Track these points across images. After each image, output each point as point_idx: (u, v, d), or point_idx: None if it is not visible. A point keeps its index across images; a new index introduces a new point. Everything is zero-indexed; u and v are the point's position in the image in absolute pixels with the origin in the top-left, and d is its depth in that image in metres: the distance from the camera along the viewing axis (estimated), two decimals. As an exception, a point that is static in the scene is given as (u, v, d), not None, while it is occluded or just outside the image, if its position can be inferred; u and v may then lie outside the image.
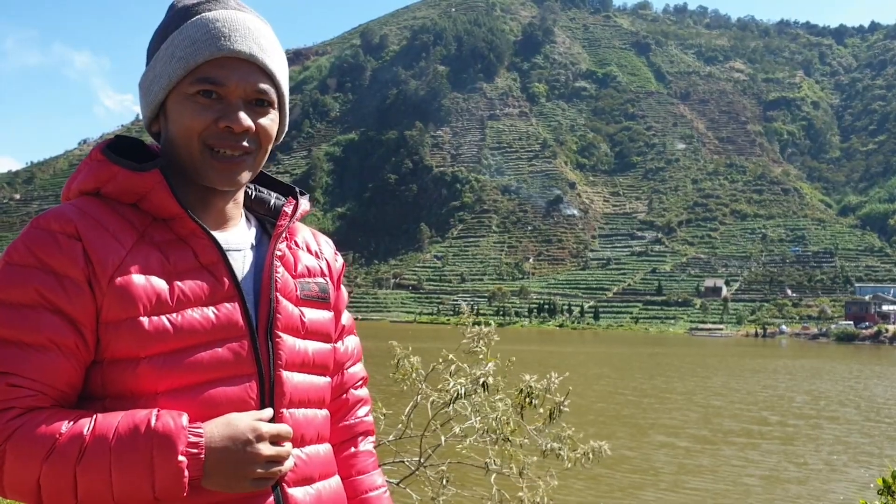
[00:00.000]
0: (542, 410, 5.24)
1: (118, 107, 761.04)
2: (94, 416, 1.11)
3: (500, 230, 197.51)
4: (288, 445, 1.21)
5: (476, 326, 5.17)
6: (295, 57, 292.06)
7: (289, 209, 1.38)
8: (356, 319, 1.43)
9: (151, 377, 1.16)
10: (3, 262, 1.16)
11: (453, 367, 4.98)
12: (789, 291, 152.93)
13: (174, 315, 1.19)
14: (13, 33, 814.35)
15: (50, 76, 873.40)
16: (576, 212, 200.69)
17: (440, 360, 5.03)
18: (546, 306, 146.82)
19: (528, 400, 5.11)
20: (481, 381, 4.93)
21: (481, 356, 5.02)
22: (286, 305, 1.31)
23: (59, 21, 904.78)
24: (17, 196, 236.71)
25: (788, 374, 45.37)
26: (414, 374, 5.08)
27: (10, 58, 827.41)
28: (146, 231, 1.23)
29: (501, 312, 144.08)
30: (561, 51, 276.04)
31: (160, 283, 1.20)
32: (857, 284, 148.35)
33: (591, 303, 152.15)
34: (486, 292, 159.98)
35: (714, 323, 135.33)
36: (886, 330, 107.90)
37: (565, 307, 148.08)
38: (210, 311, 1.22)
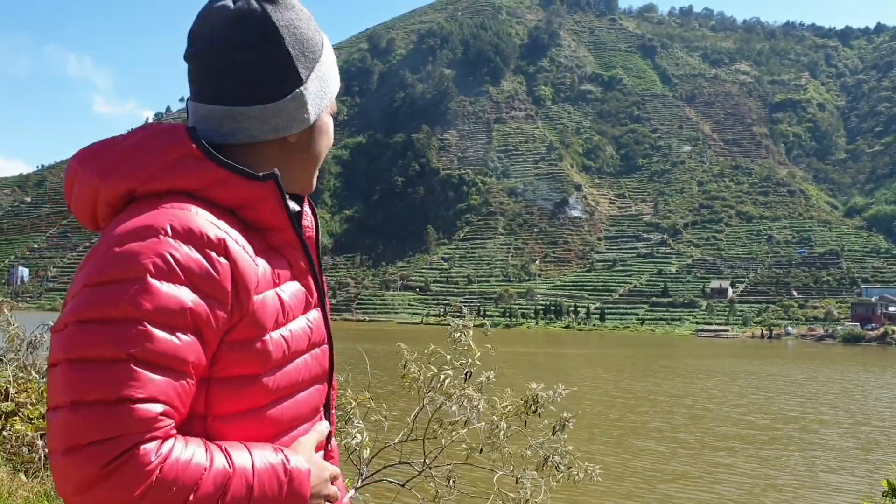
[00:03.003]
0: (546, 422, 5.29)
1: (122, 111, 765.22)
2: (228, 451, 1.07)
3: (507, 232, 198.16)
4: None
5: (457, 320, 5.14)
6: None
7: (308, 210, 1.34)
8: (364, 321, 1.28)
9: (265, 392, 1.15)
10: (150, 277, 1.03)
11: (436, 357, 5.02)
12: (795, 293, 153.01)
13: (285, 329, 1.18)
14: (3, 38, 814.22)
15: (49, 81, 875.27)
16: (581, 214, 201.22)
17: (423, 352, 4.98)
18: (552, 308, 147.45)
19: (533, 408, 5.14)
20: (465, 371, 4.90)
21: (465, 348, 4.98)
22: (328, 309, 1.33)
23: (54, 25, 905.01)
24: (28, 199, 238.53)
25: (785, 377, 45.16)
26: (421, 378, 5.05)
27: (5, 63, 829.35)
28: (251, 241, 1.17)
29: (508, 314, 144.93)
30: (566, 54, 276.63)
31: (277, 297, 1.18)
32: (863, 286, 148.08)
33: (597, 304, 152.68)
34: (493, 294, 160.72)
35: (720, 324, 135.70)
36: (893, 331, 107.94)
37: (571, 309, 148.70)
38: (305, 321, 1.22)
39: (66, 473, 0.98)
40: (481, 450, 5.16)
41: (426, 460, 5.14)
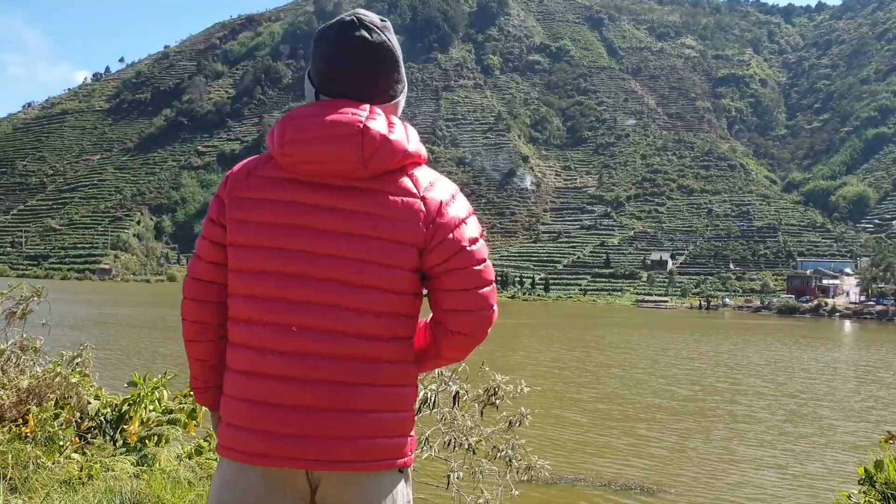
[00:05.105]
0: (504, 413, 5.38)
1: (55, 73, 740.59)
2: None
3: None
4: None
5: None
6: (247, 23, 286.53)
7: None
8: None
9: None
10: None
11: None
12: (733, 265, 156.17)
13: None
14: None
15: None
16: (529, 185, 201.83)
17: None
18: (499, 278, 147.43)
19: (491, 399, 5.23)
20: (453, 393, 5.02)
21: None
22: None
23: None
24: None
25: (716, 348, 45.72)
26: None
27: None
28: None
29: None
30: (515, 23, 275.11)
31: None
32: (798, 259, 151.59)
33: (542, 275, 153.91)
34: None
35: (660, 295, 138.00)
36: (826, 304, 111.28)
37: (517, 279, 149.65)
38: None
39: (493, 313, 1.78)
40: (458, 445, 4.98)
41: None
